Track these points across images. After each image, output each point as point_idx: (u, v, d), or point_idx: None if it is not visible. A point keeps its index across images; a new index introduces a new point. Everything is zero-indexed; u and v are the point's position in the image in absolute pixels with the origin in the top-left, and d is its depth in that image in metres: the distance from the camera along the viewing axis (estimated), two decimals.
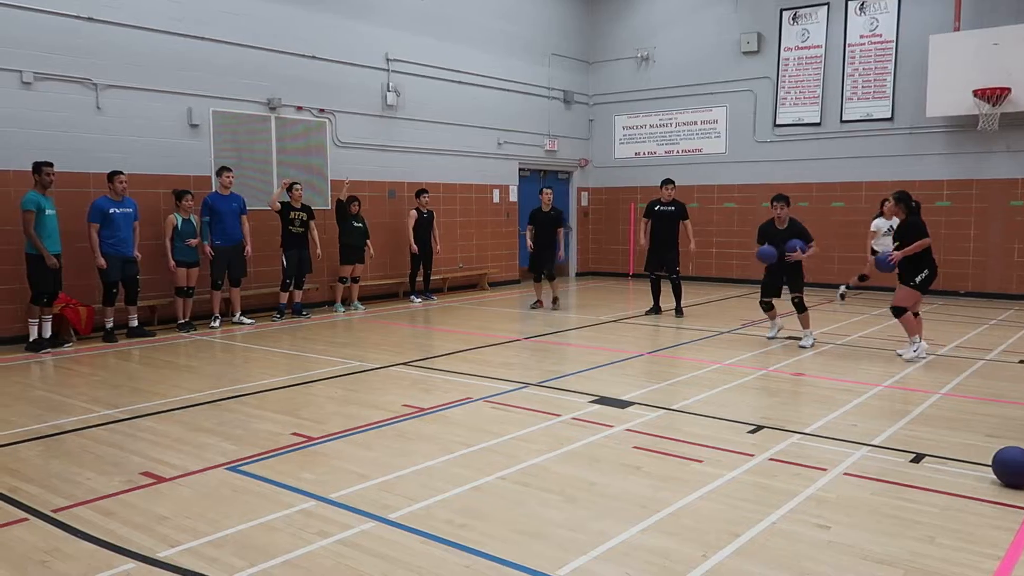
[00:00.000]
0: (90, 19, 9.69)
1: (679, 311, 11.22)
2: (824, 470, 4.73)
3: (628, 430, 5.60)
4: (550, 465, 4.86)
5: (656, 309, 11.41)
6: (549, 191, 12.10)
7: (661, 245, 11.18)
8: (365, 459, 5.02)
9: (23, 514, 4.13)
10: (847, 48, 14.73)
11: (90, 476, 4.72)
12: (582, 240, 18.07)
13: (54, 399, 6.68)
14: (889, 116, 14.34)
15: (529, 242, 12.05)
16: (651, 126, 17.25)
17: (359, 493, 4.40)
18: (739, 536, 3.79)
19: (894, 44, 14.26)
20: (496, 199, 15.75)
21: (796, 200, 15.22)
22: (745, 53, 15.76)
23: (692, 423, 5.80)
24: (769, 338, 9.33)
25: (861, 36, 14.59)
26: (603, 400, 6.43)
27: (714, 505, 4.20)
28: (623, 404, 6.31)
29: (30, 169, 8.69)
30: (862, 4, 14.55)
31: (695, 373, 7.58)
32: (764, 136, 15.72)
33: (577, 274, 17.98)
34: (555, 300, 12.23)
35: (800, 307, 9.02)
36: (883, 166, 14.35)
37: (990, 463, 4.59)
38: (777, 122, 15.56)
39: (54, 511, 4.17)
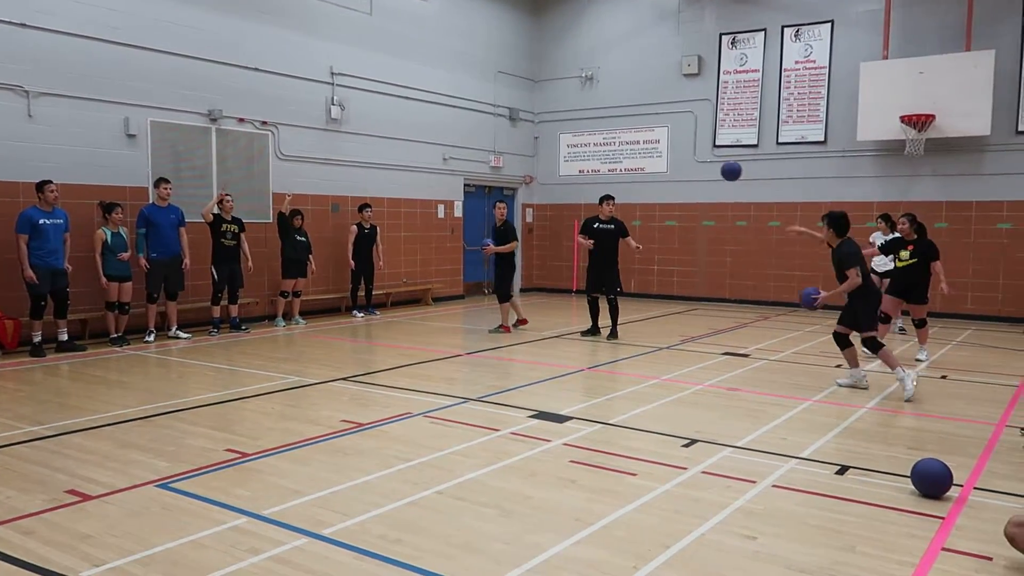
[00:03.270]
0: (23, 25, 9.44)
1: (614, 333, 10.73)
2: (753, 482, 4.86)
3: (566, 444, 5.66)
4: (487, 479, 4.88)
5: (594, 330, 10.97)
6: (503, 205, 11.52)
7: (601, 264, 10.75)
8: (300, 475, 4.96)
9: None
10: (783, 73, 15.21)
11: (11, 495, 4.56)
12: (527, 256, 18.18)
13: None
14: (822, 139, 14.83)
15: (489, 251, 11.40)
16: (595, 144, 17.51)
17: (293, 509, 4.35)
18: (669, 547, 3.86)
19: (827, 70, 14.78)
20: (441, 214, 15.76)
21: (734, 219, 15.65)
22: (686, 75, 16.14)
23: (628, 437, 5.89)
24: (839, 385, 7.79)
25: (796, 62, 15.09)
26: (542, 415, 6.48)
27: (647, 517, 4.28)
28: (562, 419, 6.37)
29: None
30: (797, 31, 15.06)
31: (633, 388, 7.70)
32: (704, 156, 16.09)
33: (522, 290, 18.08)
34: (520, 322, 11.67)
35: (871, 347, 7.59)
36: (817, 187, 14.82)
37: (909, 474, 4.77)
38: (717, 143, 15.95)
39: None
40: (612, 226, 10.80)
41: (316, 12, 13.01)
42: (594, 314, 11.05)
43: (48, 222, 9.03)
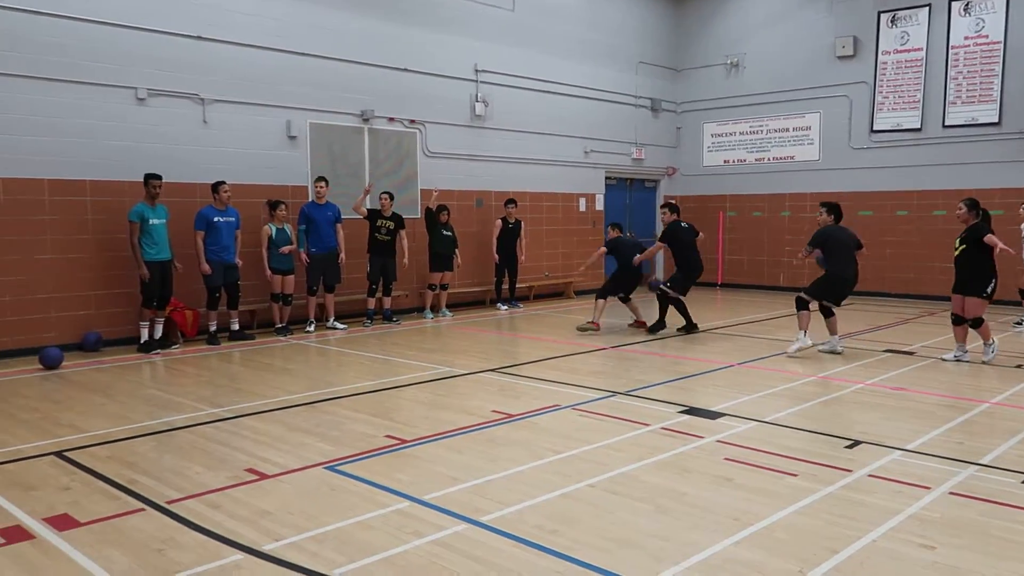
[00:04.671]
0: (198, 37, 10.21)
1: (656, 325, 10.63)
2: (927, 488, 4.56)
3: (719, 441, 5.53)
4: (639, 474, 4.85)
5: (688, 326, 10.63)
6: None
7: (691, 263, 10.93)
8: (456, 462, 5.12)
9: (140, 504, 4.39)
10: (950, 50, 14.13)
11: (199, 471, 4.97)
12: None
13: (164, 397, 7.06)
14: (996, 120, 13.67)
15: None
16: (740, 133, 16.95)
17: (452, 495, 4.50)
18: (837, 553, 3.70)
19: (1002, 45, 13.60)
20: (582, 207, 15.76)
21: (895, 209, 14.73)
22: (840, 57, 15.31)
23: (786, 436, 5.68)
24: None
25: (966, 37, 13.97)
26: (693, 411, 6.36)
27: (810, 520, 4.11)
28: (713, 415, 6.23)
29: (138, 180, 9.25)
30: (966, 5, 13.94)
31: (788, 385, 7.41)
32: (860, 142, 15.22)
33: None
34: (638, 323, 11.14)
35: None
36: (988, 173, 13.68)
37: None
38: (875, 127, 15.04)
39: (168, 502, 4.41)
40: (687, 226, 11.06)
41: (461, 11, 13.31)
42: (685, 313, 10.66)
43: (221, 220, 9.75)
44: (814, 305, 9.07)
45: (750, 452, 5.26)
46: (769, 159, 16.54)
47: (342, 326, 11.01)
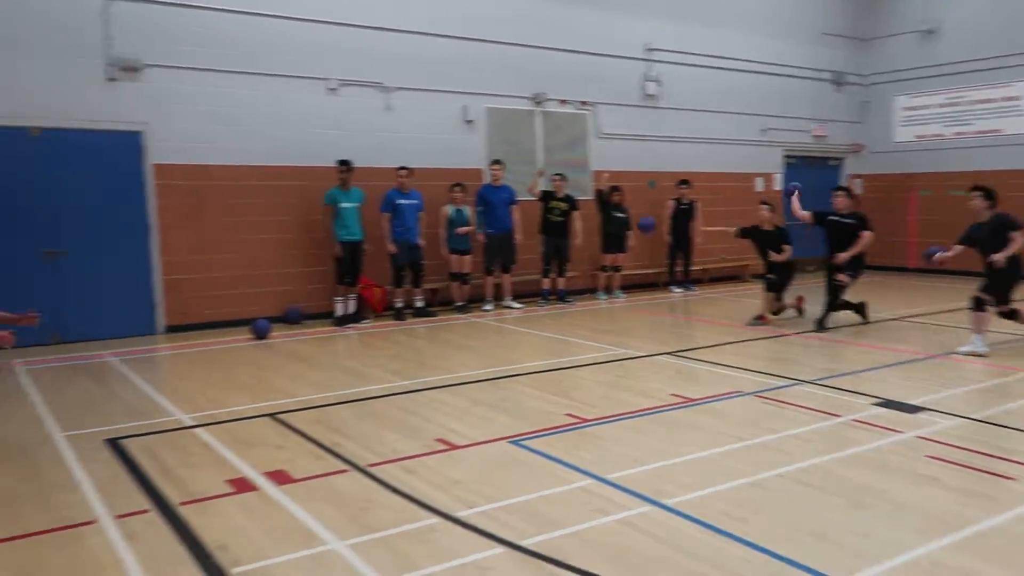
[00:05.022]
0: (381, 28, 10.73)
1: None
2: None
3: (920, 437, 5.20)
4: (832, 467, 4.66)
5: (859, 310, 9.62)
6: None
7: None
8: (638, 444, 5.14)
9: (345, 466, 4.76)
10: None
11: (394, 438, 5.31)
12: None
13: (359, 368, 7.57)
14: None
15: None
16: (937, 106, 15.62)
17: (635, 476, 4.53)
18: None
19: None
20: (759, 187, 15.17)
21: None
22: None
23: (1001, 436, 5.25)
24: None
25: None
26: (889, 403, 6.00)
27: None
28: (913, 409, 5.85)
29: (332, 165, 9.92)
30: None
31: (999, 380, 6.82)
32: None
33: None
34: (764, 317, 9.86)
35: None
36: None
37: None
38: None
39: (369, 466, 4.75)
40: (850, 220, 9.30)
41: None
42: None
43: (405, 202, 10.26)
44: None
45: (957, 451, 4.91)
46: (971, 133, 15.15)
47: (518, 305, 11.28)
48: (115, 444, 5.15)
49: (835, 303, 9.48)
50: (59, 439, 5.30)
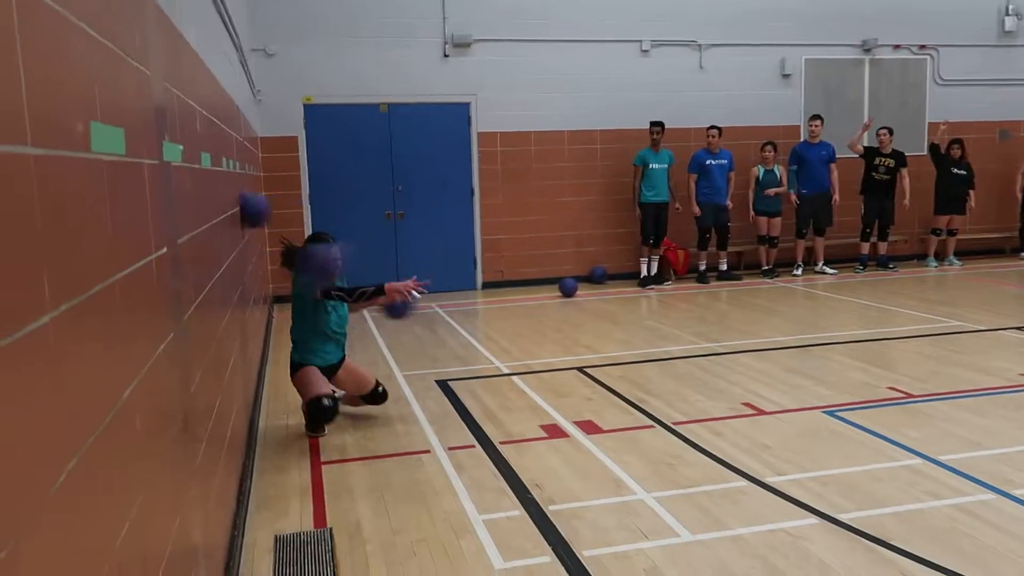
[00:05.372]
0: None
1: None
2: None
3: None
4: None
5: None
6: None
7: None
8: (977, 426, 4.58)
9: (650, 422, 4.84)
10: None
11: (699, 399, 5.28)
12: None
13: (662, 329, 7.62)
14: None
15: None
16: None
17: (973, 461, 4.05)
18: None
19: None
20: None
21: None
22: None
23: None
24: None
25: None
26: None
27: None
28: None
29: (642, 128, 9.96)
30: None
31: None
32: None
33: None
34: None
35: None
36: None
37: None
38: None
39: (674, 423, 4.79)
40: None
41: None
42: None
43: (714, 163, 10.01)
44: None
45: None
46: None
47: (832, 270, 10.54)
48: (444, 385, 5.75)
49: None
50: (400, 377, 6.04)
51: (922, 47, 11.39)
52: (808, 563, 3.12)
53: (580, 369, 6.11)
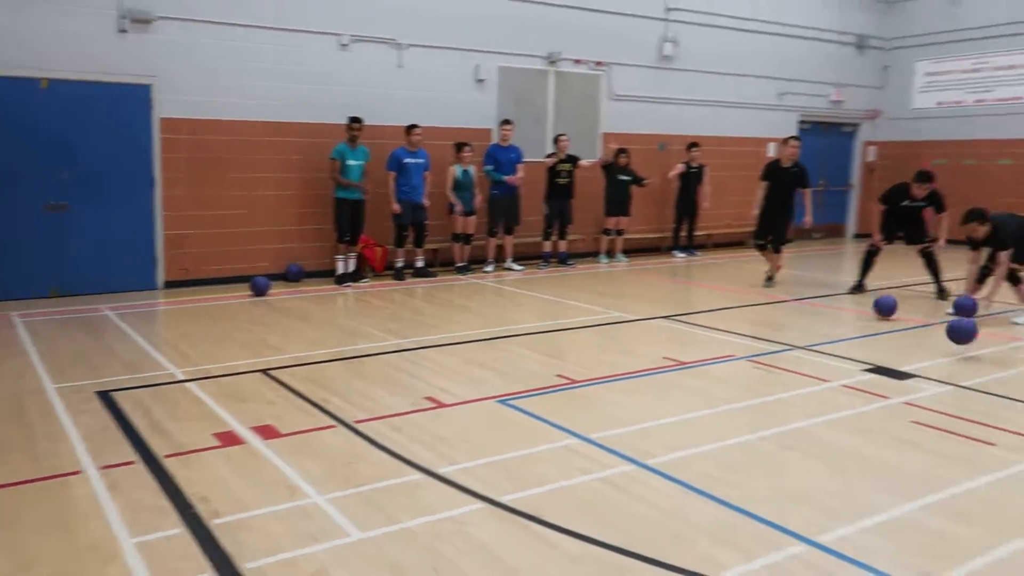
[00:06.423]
0: None
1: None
2: None
3: (907, 403, 5.19)
4: (817, 431, 4.66)
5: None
6: (796, 143, 10.09)
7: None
8: (626, 405, 5.16)
9: (332, 422, 4.80)
10: None
11: (383, 395, 5.34)
12: (864, 199, 16.64)
13: (355, 326, 7.61)
14: None
15: (756, 204, 10.04)
16: (960, 72, 15.28)
17: (620, 436, 4.55)
18: None
19: None
20: (771, 153, 14.93)
21: None
22: None
23: (987, 403, 5.23)
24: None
25: None
26: (879, 369, 5.99)
27: (1008, 493, 3.80)
28: (902, 375, 5.83)
29: (342, 123, 9.86)
30: None
31: (994, 349, 6.77)
32: None
33: (855, 235, 16.65)
34: (770, 278, 10.11)
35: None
36: None
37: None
38: None
39: (356, 422, 4.79)
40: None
41: None
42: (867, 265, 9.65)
43: (412, 161, 10.19)
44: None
45: (941, 417, 4.90)
46: (991, 100, 14.84)
47: (519, 267, 11.26)
48: (106, 397, 5.21)
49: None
50: (50, 390, 5.35)
51: (599, 63, 12.58)
52: (471, 547, 3.28)
53: (265, 371, 5.88)
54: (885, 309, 8.01)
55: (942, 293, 9.20)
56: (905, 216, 9.23)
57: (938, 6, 15.38)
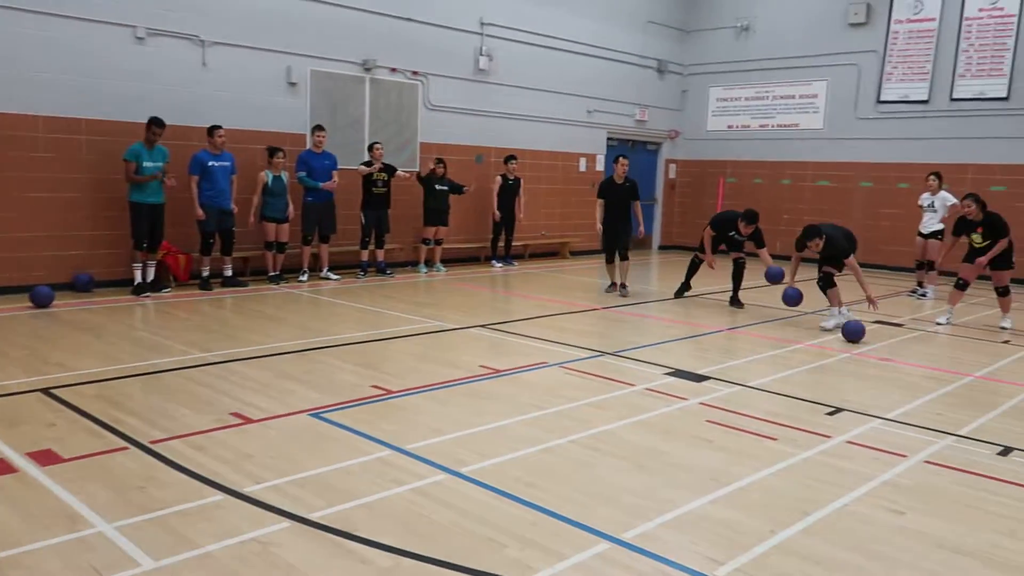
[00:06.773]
0: None
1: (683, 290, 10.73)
2: (904, 456, 4.62)
3: (702, 404, 5.57)
4: (621, 432, 4.89)
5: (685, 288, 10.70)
6: (625, 160, 10.59)
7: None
8: (441, 414, 5.16)
9: (124, 443, 4.43)
10: (963, 22, 13.91)
11: (185, 412, 5.01)
12: (667, 213, 17.82)
13: (154, 340, 7.07)
14: (1005, 95, 13.52)
15: (598, 220, 10.51)
16: (746, 99, 16.77)
17: (434, 446, 4.54)
18: (809, 515, 3.75)
19: (1016, 19, 13.39)
20: (583, 168, 15.66)
21: (896, 181, 14.65)
22: (852, 24, 15.07)
23: (769, 401, 5.72)
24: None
25: (980, 9, 13.75)
26: (678, 373, 6.40)
27: (786, 483, 4.17)
28: (698, 378, 6.27)
29: (139, 121, 9.20)
30: None
31: (775, 352, 7.45)
32: (866, 112, 15.07)
33: (660, 247, 17.77)
34: (623, 286, 10.63)
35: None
36: (992, 148, 13.59)
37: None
38: (881, 98, 14.87)
39: (152, 442, 4.45)
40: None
41: None
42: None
43: (216, 164, 9.67)
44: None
45: (732, 415, 5.31)
46: (773, 126, 16.39)
47: (335, 276, 11.00)
48: None
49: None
50: None
51: (415, 73, 12.58)
52: (276, 568, 3.13)
53: (45, 391, 5.33)
54: (792, 300, 8.88)
55: (736, 302, 9.98)
56: (729, 244, 10.10)
57: (730, 37, 16.79)
